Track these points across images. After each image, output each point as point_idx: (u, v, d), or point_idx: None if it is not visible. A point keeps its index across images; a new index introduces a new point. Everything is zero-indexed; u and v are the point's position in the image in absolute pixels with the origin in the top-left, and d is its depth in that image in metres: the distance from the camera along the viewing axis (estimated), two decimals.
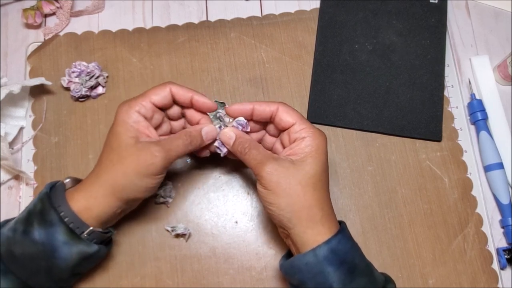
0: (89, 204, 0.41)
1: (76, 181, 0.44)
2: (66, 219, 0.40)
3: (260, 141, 0.46)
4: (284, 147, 0.43)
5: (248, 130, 0.44)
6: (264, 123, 0.45)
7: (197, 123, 0.45)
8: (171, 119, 0.46)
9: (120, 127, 0.41)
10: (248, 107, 0.43)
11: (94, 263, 0.44)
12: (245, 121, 0.44)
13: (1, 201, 0.50)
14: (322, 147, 0.41)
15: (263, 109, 0.42)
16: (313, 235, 0.39)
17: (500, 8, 0.59)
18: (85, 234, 0.41)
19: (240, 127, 0.44)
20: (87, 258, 0.41)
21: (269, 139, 0.46)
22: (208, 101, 0.44)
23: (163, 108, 0.44)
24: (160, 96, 0.43)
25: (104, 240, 0.44)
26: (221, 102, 0.46)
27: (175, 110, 0.45)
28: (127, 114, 0.41)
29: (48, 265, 0.40)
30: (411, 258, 0.49)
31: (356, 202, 0.50)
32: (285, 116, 0.42)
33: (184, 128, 0.47)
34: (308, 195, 0.39)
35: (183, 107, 0.45)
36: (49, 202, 0.40)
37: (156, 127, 0.44)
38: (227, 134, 0.43)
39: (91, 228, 0.41)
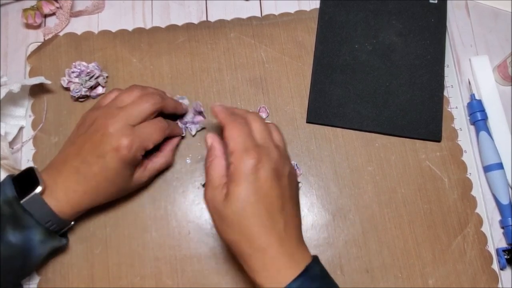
0: (73, 205, 0.43)
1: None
2: (46, 221, 0.41)
3: None
4: None
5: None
6: None
7: None
8: None
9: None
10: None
11: (56, 254, 0.47)
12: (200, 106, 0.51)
13: None
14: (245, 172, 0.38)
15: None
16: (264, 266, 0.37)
17: (500, 9, 0.59)
18: (65, 229, 0.44)
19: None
20: (55, 251, 0.44)
21: None
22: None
23: None
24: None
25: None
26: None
27: None
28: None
29: (22, 264, 0.41)
30: (411, 258, 0.49)
31: (356, 202, 0.50)
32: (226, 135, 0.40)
33: None
34: (243, 224, 0.37)
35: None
36: (22, 208, 0.40)
37: None
38: (207, 139, 0.43)
39: (72, 223, 0.44)
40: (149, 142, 0.44)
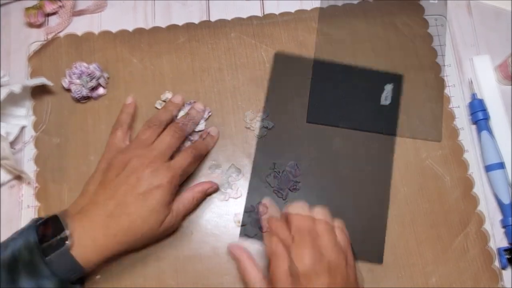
0: (100, 251, 0.41)
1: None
2: (66, 273, 0.40)
3: None
4: None
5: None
6: None
7: None
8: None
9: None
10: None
11: None
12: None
13: (2, 201, 0.50)
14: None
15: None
16: None
17: (501, 8, 0.59)
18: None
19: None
20: None
21: None
22: None
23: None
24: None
25: None
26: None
27: None
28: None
29: None
30: (412, 257, 0.49)
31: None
32: None
33: None
34: None
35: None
36: (41, 257, 0.39)
37: None
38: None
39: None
40: (185, 174, 0.48)
